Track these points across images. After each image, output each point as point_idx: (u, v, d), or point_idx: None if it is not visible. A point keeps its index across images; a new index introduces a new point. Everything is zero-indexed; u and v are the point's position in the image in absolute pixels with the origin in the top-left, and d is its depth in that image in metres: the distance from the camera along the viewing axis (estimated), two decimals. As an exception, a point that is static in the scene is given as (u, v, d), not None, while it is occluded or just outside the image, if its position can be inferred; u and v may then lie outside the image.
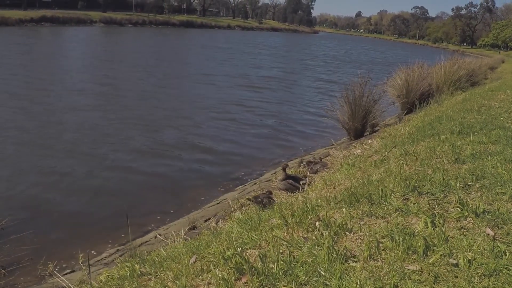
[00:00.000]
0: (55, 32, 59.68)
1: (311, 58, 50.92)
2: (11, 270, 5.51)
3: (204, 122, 14.96)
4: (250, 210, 4.94)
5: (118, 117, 14.73)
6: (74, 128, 12.96)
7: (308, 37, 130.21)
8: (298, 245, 2.71)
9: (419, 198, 3.18)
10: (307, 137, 14.21)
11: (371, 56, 66.14)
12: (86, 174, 9.59)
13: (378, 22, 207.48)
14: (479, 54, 76.76)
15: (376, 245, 2.54)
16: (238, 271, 2.54)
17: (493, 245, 2.42)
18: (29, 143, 11.38)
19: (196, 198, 8.65)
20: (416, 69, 13.10)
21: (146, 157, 10.98)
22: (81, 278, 4.53)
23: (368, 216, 3.00)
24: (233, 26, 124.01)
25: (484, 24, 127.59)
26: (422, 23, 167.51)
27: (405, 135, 6.37)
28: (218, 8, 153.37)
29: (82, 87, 20.03)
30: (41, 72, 23.75)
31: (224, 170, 10.41)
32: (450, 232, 2.64)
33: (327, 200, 3.50)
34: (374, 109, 10.49)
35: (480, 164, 3.79)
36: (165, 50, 45.40)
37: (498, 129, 5.17)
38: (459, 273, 2.22)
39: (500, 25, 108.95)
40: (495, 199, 3.03)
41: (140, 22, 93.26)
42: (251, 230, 3.23)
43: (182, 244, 4.04)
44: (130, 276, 3.14)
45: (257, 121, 15.94)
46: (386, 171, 4.10)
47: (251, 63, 38.19)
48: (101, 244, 6.69)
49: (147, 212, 7.94)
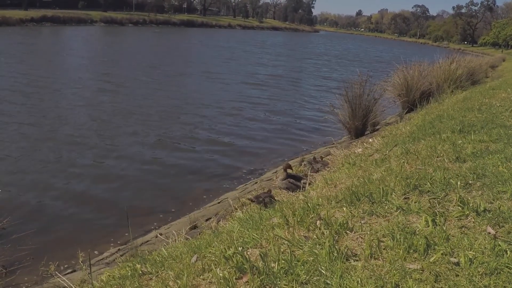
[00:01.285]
0: (56, 32, 59.74)
1: (313, 57, 51.02)
2: (12, 270, 5.51)
3: (205, 121, 14.95)
4: (251, 209, 4.95)
5: (119, 115, 14.73)
6: (75, 127, 12.95)
7: (309, 36, 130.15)
8: (299, 244, 2.71)
9: (420, 197, 3.18)
10: (308, 136, 14.20)
11: (373, 55, 66.23)
12: (87, 173, 9.59)
13: (378, 21, 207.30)
14: (480, 53, 76.73)
15: (377, 244, 2.54)
16: (239, 270, 2.54)
17: (494, 243, 2.42)
18: (30, 141, 11.39)
19: (197, 197, 8.66)
20: (416, 68, 13.08)
21: (146, 157, 10.99)
22: (82, 278, 4.54)
23: (369, 215, 3.00)
24: (234, 25, 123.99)
25: (485, 23, 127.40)
26: (422, 21, 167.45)
27: (406, 133, 6.37)
28: (218, 7, 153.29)
29: (87, 85, 20.10)
30: (48, 70, 23.77)
31: (225, 169, 10.41)
32: (451, 231, 2.64)
33: (328, 199, 3.50)
34: (374, 108, 10.47)
35: (481, 163, 3.79)
36: (168, 49, 45.38)
37: (499, 128, 5.16)
38: (460, 272, 2.22)
39: (501, 24, 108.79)
40: (496, 197, 3.03)
41: (140, 22, 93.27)
42: (252, 229, 3.23)
43: (183, 244, 4.04)
44: (131, 275, 3.14)
45: (258, 120, 15.93)
46: (387, 170, 4.10)
47: (254, 62, 38.30)
48: (102, 244, 6.70)
49: (148, 211, 7.94)
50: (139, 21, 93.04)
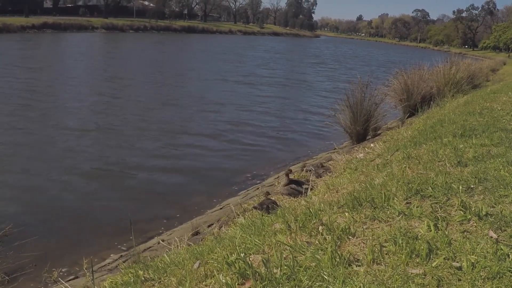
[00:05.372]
0: (57, 38, 59.96)
1: (316, 62, 51.14)
2: (15, 276, 5.51)
3: (207, 127, 14.98)
4: (253, 215, 4.95)
5: (123, 122, 14.80)
6: (77, 134, 12.99)
7: (310, 41, 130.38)
8: (302, 249, 2.71)
9: (422, 202, 3.18)
10: (310, 141, 14.21)
11: (375, 59, 66.72)
12: (89, 180, 9.61)
13: (379, 26, 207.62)
14: (481, 57, 76.71)
15: (379, 249, 2.54)
16: (242, 276, 2.54)
17: (496, 248, 2.42)
18: (34, 147, 11.43)
19: (199, 203, 8.66)
20: (417, 72, 13.07)
21: (148, 164, 11.00)
22: (85, 284, 4.54)
23: (371, 220, 3.00)
24: (235, 31, 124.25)
25: (485, 26, 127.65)
26: (423, 26, 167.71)
27: (407, 138, 6.36)
28: (219, 13, 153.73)
29: (90, 92, 20.17)
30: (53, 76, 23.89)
31: (227, 175, 10.42)
32: (453, 235, 2.64)
33: (330, 204, 3.50)
34: (376, 113, 10.48)
35: (482, 167, 3.79)
36: (171, 55, 45.50)
37: (500, 132, 5.16)
38: (463, 276, 2.22)
39: (502, 27, 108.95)
40: (498, 201, 3.03)
41: (141, 28, 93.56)
42: (254, 235, 3.23)
43: (185, 250, 4.04)
44: (134, 282, 3.14)
45: (260, 125, 15.96)
46: (389, 174, 4.10)
47: (258, 66, 38.45)
48: (105, 250, 6.70)
49: (150, 218, 7.95)
50: (140, 28, 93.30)
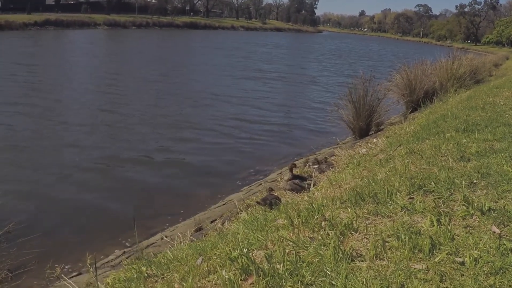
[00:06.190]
0: (60, 35, 59.94)
1: (320, 57, 51.08)
2: (18, 273, 5.51)
3: (210, 123, 14.96)
4: (256, 211, 4.95)
5: (126, 117, 14.81)
6: (80, 131, 13.00)
7: (313, 36, 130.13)
8: (304, 245, 2.71)
9: (425, 197, 3.17)
10: (313, 137, 14.20)
11: (378, 53, 66.93)
12: (92, 177, 9.62)
13: (381, 21, 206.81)
14: (484, 51, 76.42)
15: (382, 244, 2.54)
16: (245, 272, 2.54)
17: (499, 243, 2.42)
18: (36, 144, 11.45)
19: (202, 199, 8.67)
20: (419, 67, 13.03)
21: (151, 160, 11.01)
22: (88, 280, 4.55)
23: (373, 216, 3.00)
24: (237, 27, 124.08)
25: (488, 21, 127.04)
26: (425, 21, 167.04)
27: (410, 133, 6.35)
28: (221, 9, 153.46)
29: (93, 89, 20.17)
30: (55, 73, 23.90)
31: (229, 171, 10.42)
32: (456, 231, 2.64)
33: (332, 199, 3.50)
34: (378, 108, 10.46)
35: (485, 162, 3.78)
36: (174, 51, 45.49)
37: (503, 127, 5.15)
38: (465, 272, 2.22)
39: (504, 22, 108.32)
40: (500, 196, 3.02)
41: (144, 24, 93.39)
42: (257, 231, 3.23)
43: (188, 246, 4.05)
44: (137, 278, 3.15)
45: (263, 121, 15.93)
46: (392, 170, 4.09)
47: (262, 61, 38.41)
48: (108, 247, 6.71)
49: (153, 214, 7.96)
50: (142, 24, 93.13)
